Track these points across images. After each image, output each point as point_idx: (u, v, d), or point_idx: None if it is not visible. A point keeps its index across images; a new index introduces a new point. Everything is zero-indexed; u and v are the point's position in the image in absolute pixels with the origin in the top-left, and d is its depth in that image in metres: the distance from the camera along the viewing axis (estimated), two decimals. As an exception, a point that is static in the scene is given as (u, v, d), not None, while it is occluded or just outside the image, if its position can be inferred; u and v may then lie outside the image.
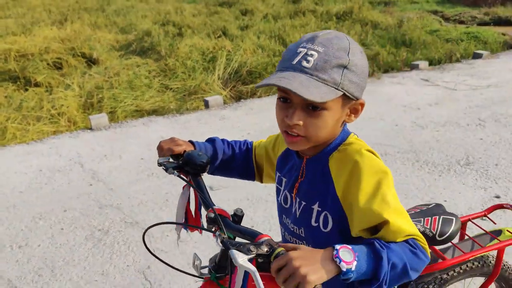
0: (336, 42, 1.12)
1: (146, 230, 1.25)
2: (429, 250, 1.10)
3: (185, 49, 7.83)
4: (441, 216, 1.57)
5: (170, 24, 10.16)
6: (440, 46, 8.22)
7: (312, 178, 1.26)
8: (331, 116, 1.15)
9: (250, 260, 1.06)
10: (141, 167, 4.07)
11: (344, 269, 0.97)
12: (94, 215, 3.37)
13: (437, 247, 1.66)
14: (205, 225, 1.32)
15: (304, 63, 1.10)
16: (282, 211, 1.40)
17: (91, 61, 8.09)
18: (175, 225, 1.49)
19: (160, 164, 1.41)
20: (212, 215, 1.23)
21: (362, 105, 1.21)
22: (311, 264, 0.96)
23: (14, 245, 3.06)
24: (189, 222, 1.49)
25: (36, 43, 8.34)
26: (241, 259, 1.01)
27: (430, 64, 7.49)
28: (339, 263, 0.97)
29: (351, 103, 1.18)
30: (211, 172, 1.56)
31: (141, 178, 3.87)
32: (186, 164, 1.39)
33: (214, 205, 1.29)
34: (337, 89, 1.10)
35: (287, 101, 1.16)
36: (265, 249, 1.03)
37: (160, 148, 1.46)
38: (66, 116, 5.79)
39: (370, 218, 1.10)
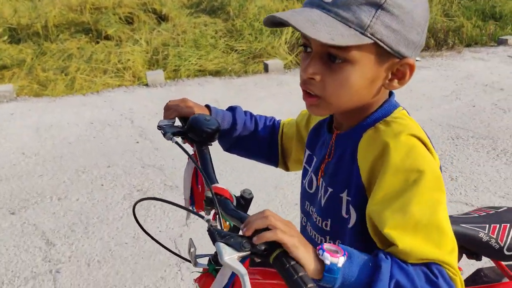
0: None
1: (136, 203, 1.04)
2: (462, 284, 0.80)
3: (254, 10, 7.55)
4: (514, 225, 1.24)
5: (243, -16, 9.86)
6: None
7: (340, 158, 0.98)
8: (357, 73, 0.85)
9: (242, 260, 0.82)
10: (191, 129, 3.93)
11: (328, 262, 0.74)
12: (135, 174, 3.28)
13: (505, 263, 1.33)
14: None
15: None
16: (306, 196, 1.12)
17: (161, 18, 8.04)
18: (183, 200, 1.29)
19: (159, 127, 1.18)
20: (210, 194, 1.00)
21: (411, 67, 0.88)
22: (296, 232, 0.78)
23: (54, 197, 3.04)
24: (195, 199, 1.27)
25: (111, -3, 8.39)
26: (228, 257, 0.78)
27: (521, 41, 6.71)
28: (322, 254, 0.75)
29: (393, 62, 0.87)
30: (227, 149, 1.31)
31: (189, 140, 3.73)
32: (190, 129, 1.15)
33: (217, 182, 1.06)
34: (362, 33, 0.81)
35: (307, 49, 0.89)
36: (262, 247, 0.79)
37: (166, 108, 1.22)
38: (131, 71, 5.80)
39: (378, 223, 0.83)
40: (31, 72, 5.73)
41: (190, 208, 1.26)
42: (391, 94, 0.98)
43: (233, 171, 3.26)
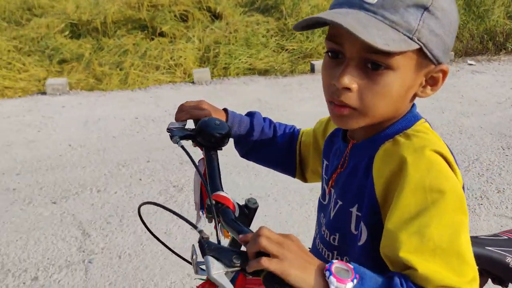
0: None
1: (140, 206, 1.04)
2: None
3: (307, 10, 7.49)
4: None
5: (298, -18, 9.80)
6: None
7: (354, 170, 0.92)
8: (398, 81, 0.80)
9: (230, 275, 0.80)
10: (232, 127, 3.96)
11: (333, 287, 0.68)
12: (173, 170, 3.33)
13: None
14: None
15: None
16: (320, 207, 1.08)
17: (215, 16, 8.14)
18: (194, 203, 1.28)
19: (168, 130, 1.17)
20: (213, 202, 0.98)
21: (445, 73, 0.84)
22: (290, 253, 0.71)
23: (94, 189, 3.14)
24: (204, 203, 1.25)
25: (167, -6, 8.58)
26: (216, 272, 0.76)
27: None
28: (328, 277, 0.69)
29: (429, 68, 0.83)
30: (243, 154, 1.28)
31: (228, 139, 3.76)
32: (199, 133, 1.13)
33: (221, 190, 1.03)
34: (410, 38, 0.77)
35: (339, 56, 0.83)
36: None
37: (179, 110, 1.20)
38: (183, 67, 5.92)
39: (393, 246, 0.76)
40: (88, 66, 5.97)
41: (202, 212, 1.25)
42: (413, 104, 0.92)
43: (269, 172, 3.23)
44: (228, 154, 3.56)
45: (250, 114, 1.26)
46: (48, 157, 3.56)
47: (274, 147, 1.24)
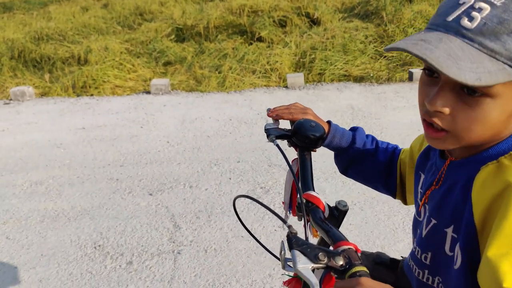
0: None
1: (236, 198, 1.05)
2: None
3: (409, 16, 7.26)
4: None
5: (402, -12, 9.52)
6: None
7: (450, 189, 0.87)
8: (497, 108, 0.75)
9: (318, 274, 0.83)
10: (322, 133, 3.95)
11: None
12: (261, 172, 3.41)
13: None
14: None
15: (465, 22, 0.72)
16: (415, 223, 1.03)
17: (313, 21, 8.18)
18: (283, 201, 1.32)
19: (265, 130, 1.21)
20: (303, 201, 1.00)
21: None
22: None
23: (187, 184, 3.31)
24: (293, 203, 1.28)
25: (268, 1, 8.77)
26: (302, 265, 0.77)
27: None
28: None
29: None
30: (344, 170, 1.27)
31: (318, 144, 3.76)
32: (294, 134, 1.17)
33: (312, 189, 1.05)
34: None
35: (434, 74, 0.79)
36: (340, 262, 0.77)
37: (286, 107, 1.24)
38: (278, 72, 6.03)
39: (494, 276, 0.72)
40: (190, 68, 6.29)
41: (289, 212, 1.28)
42: None
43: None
44: (317, 160, 3.56)
45: (353, 129, 1.26)
46: (148, 151, 3.82)
47: (375, 164, 1.21)
